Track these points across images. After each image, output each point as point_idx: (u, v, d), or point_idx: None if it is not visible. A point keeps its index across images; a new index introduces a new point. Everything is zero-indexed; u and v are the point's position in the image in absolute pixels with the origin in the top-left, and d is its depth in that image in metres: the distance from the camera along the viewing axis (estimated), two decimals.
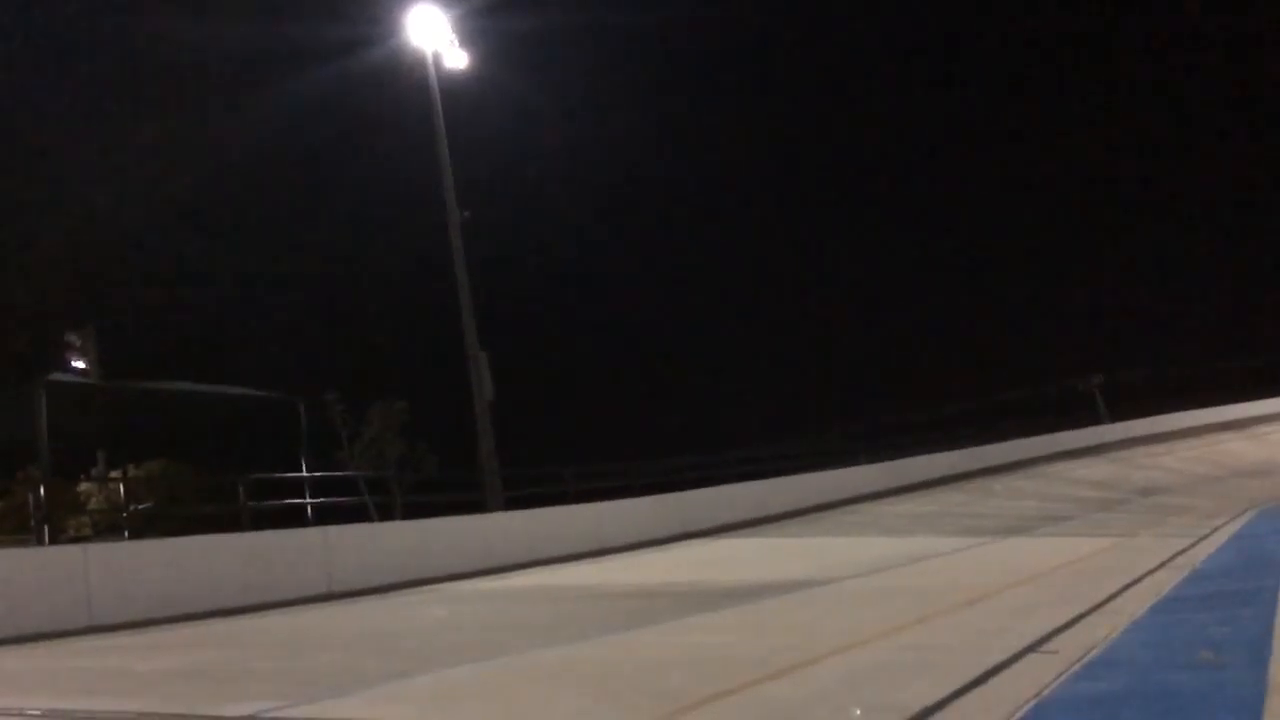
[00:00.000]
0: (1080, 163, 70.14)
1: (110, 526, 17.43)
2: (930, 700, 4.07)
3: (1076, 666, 4.68)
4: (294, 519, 15.72)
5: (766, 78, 74.01)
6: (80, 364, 20.37)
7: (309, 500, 16.67)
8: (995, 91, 74.38)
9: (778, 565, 13.73)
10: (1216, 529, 13.98)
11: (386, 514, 19.19)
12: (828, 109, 71.64)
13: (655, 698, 4.69)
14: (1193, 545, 11.65)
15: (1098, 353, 50.10)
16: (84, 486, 20.22)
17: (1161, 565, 9.47)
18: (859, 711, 4.01)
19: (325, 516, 16.09)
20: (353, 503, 18.92)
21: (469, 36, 20.82)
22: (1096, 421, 41.09)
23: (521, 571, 14.66)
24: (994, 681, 4.49)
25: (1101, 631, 5.65)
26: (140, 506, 17.42)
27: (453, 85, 20.78)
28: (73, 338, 20.52)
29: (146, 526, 16.93)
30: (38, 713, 5.58)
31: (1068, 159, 72.21)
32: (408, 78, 20.61)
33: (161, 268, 34.04)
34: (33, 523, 14.01)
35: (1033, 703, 3.97)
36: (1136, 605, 6.74)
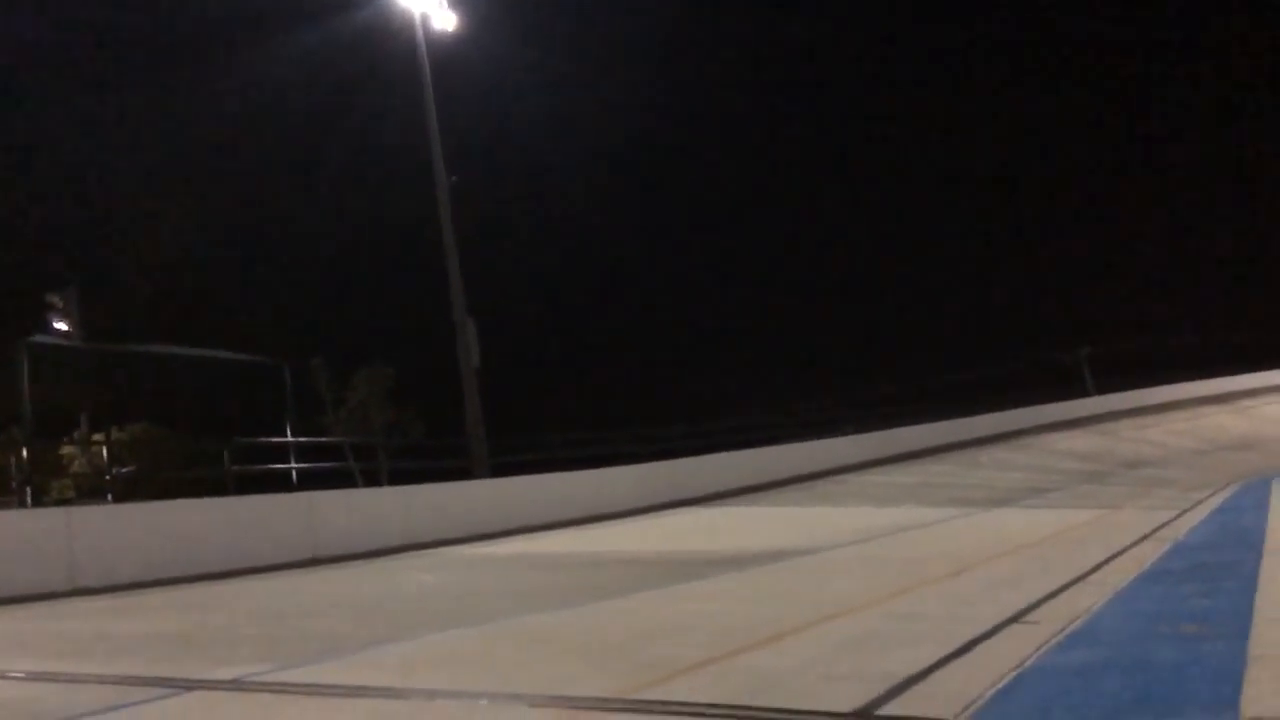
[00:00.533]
0: (1067, 133, 69.94)
1: (93, 490, 17.38)
2: (915, 669, 4.09)
3: (1059, 637, 4.71)
4: (278, 484, 15.69)
5: (761, 42, 73.44)
6: (62, 325, 20.22)
7: (294, 465, 16.63)
8: (993, 59, 73.99)
9: (765, 534, 13.79)
10: (1200, 502, 14.10)
11: (372, 480, 19.18)
12: (825, 74, 71.16)
13: (641, 665, 4.69)
14: (1176, 518, 11.75)
15: (1085, 325, 50.19)
16: (66, 449, 20.13)
17: (1145, 538, 9.54)
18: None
19: (310, 482, 16.08)
20: (338, 468, 18.89)
21: None
22: (1084, 394, 41.28)
23: (508, 538, 14.69)
24: (977, 651, 4.51)
25: (1084, 603, 5.68)
26: (123, 470, 17.35)
27: (441, 47, 20.55)
28: (55, 299, 20.37)
29: (130, 490, 16.87)
30: (21, 675, 5.56)
31: (1054, 130, 72.02)
32: (396, 39, 20.37)
33: (145, 229, 33.74)
34: (15, 485, 13.95)
35: (1015, 673, 3.98)
36: (1119, 577, 6.78)
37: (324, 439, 20.80)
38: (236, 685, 4.74)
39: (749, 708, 3.64)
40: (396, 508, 14.54)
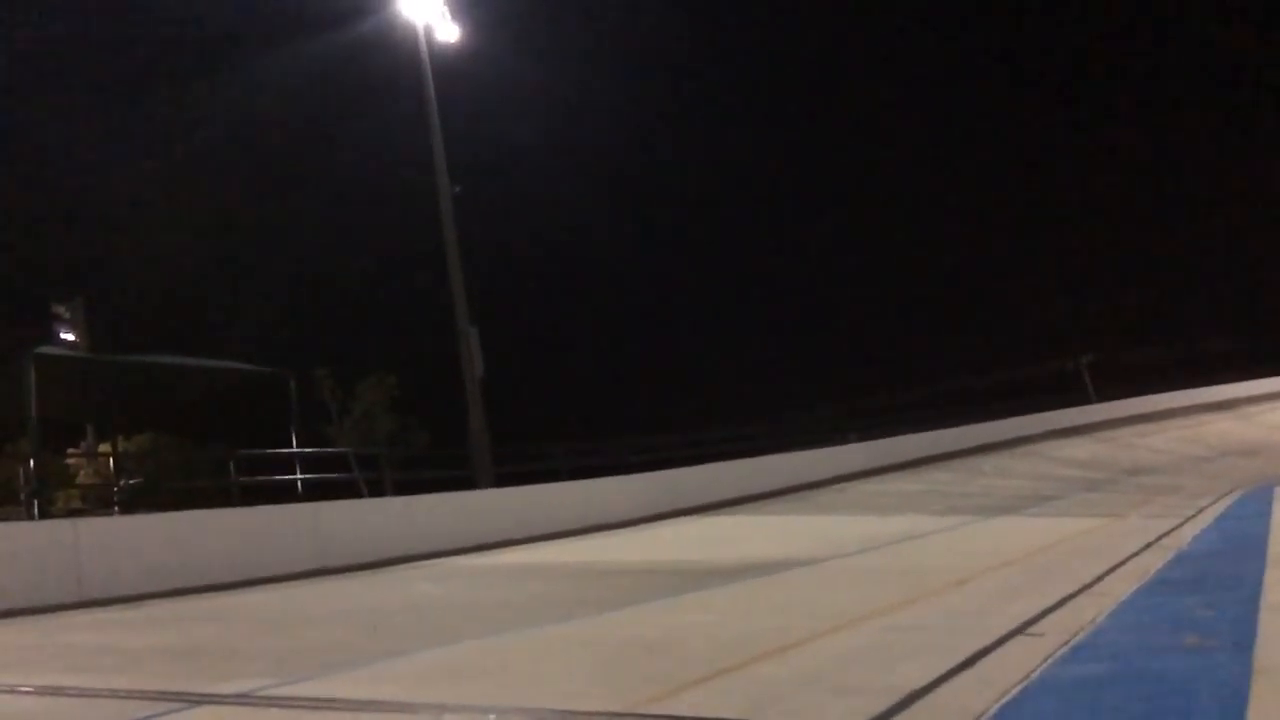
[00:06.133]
0: (1071, 142, 70.03)
1: (100, 500, 17.40)
2: (919, 683, 4.09)
3: (1063, 649, 4.71)
4: (284, 495, 15.71)
5: (764, 51, 73.63)
6: (69, 336, 20.24)
7: (299, 476, 16.64)
8: (992, 70, 74.14)
9: (767, 544, 13.79)
10: (1203, 510, 14.05)
11: (376, 490, 19.19)
12: (825, 85, 71.28)
13: (645, 678, 4.70)
14: (1179, 526, 11.71)
15: (1088, 332, 50.18)
16: (73, 459, 20.16)
17: (1148, 546, 9.52)
18: None
19: (315, 492, 16.10)
20: (343, 479, 18.90)
21: (461, 8, 20.67)
22: (1085, 401, 41.20)
23: (512, 549, 14.70)
24: (981, 664, 4.51)
25: (1088, 614, 5.67)
26: (130, 481, 17.37)
27: (445, 58, 20.64)
28: (62, 310, 20.39)
29: (136, 501, 16.89)
30: (29, 689, 5.58)
31: (1056, 139, 72.07)
32: (399, 51, 20.46)
33: (151, 240, 33.85)
34: (22, 496, 13.96)
35: (1020, 686, 3.99)
36: (1123, 587, 6.77)
37: (329, 449, 20.81)
38: (243, 700, 4.76)
39: None
40: (401, 518, 14.56)
